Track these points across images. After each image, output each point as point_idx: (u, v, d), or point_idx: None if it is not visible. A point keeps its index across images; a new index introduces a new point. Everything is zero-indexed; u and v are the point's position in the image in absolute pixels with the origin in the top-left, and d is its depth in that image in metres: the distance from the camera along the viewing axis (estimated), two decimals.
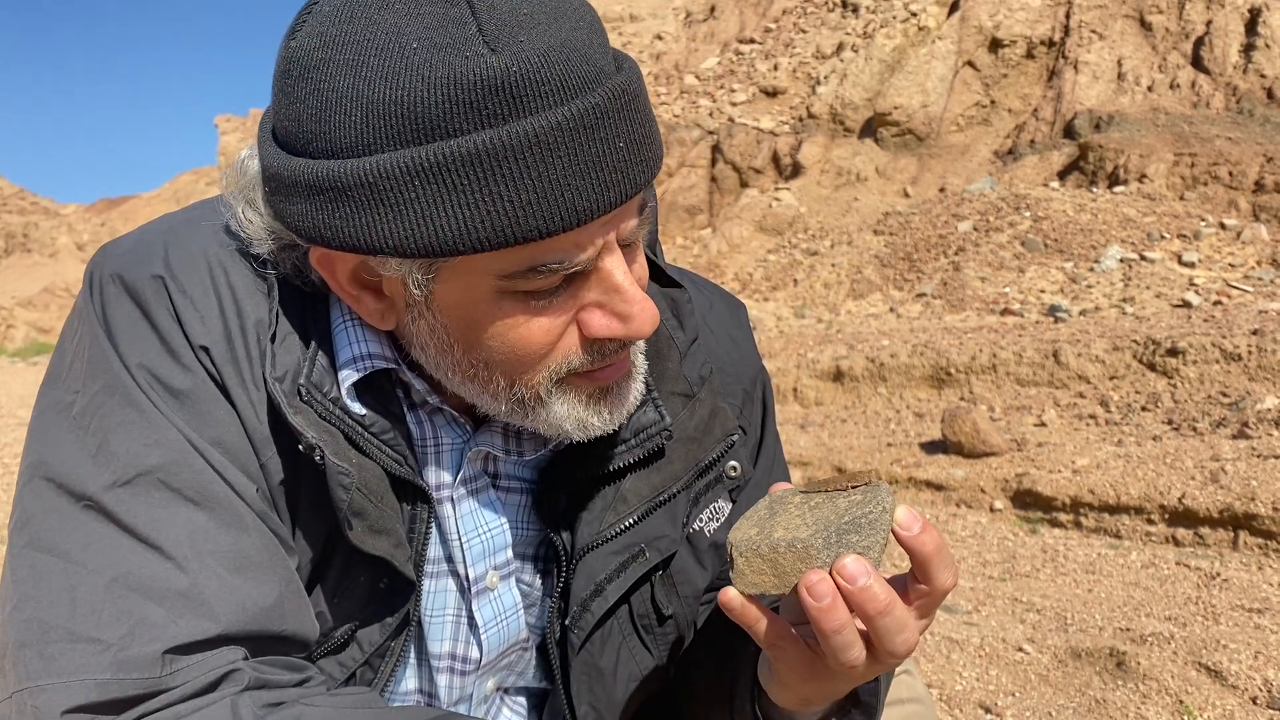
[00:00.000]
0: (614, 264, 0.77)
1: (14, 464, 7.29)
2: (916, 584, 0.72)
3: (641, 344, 0.90)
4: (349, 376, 0.83)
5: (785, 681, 0.80)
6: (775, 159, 22.13)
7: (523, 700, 1.05)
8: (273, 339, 0.82)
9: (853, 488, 0.75)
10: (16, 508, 0.79)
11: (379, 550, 0.83)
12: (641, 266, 0.84)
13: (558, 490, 0.95)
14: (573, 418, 0.84)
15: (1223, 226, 13.50)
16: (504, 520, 0.96)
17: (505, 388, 0.81)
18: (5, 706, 0.73)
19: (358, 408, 0.83)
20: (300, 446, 0.80)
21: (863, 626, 0.71)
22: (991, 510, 5.83)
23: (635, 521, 0.93)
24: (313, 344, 0.83)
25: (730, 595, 0.74)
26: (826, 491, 0.76)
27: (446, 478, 0.93)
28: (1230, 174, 15.07)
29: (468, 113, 0.67)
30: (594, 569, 0.93)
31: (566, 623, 0.93)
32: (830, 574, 0.69)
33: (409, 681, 0.97)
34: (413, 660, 0.97)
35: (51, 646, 0.71)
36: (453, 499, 0.93)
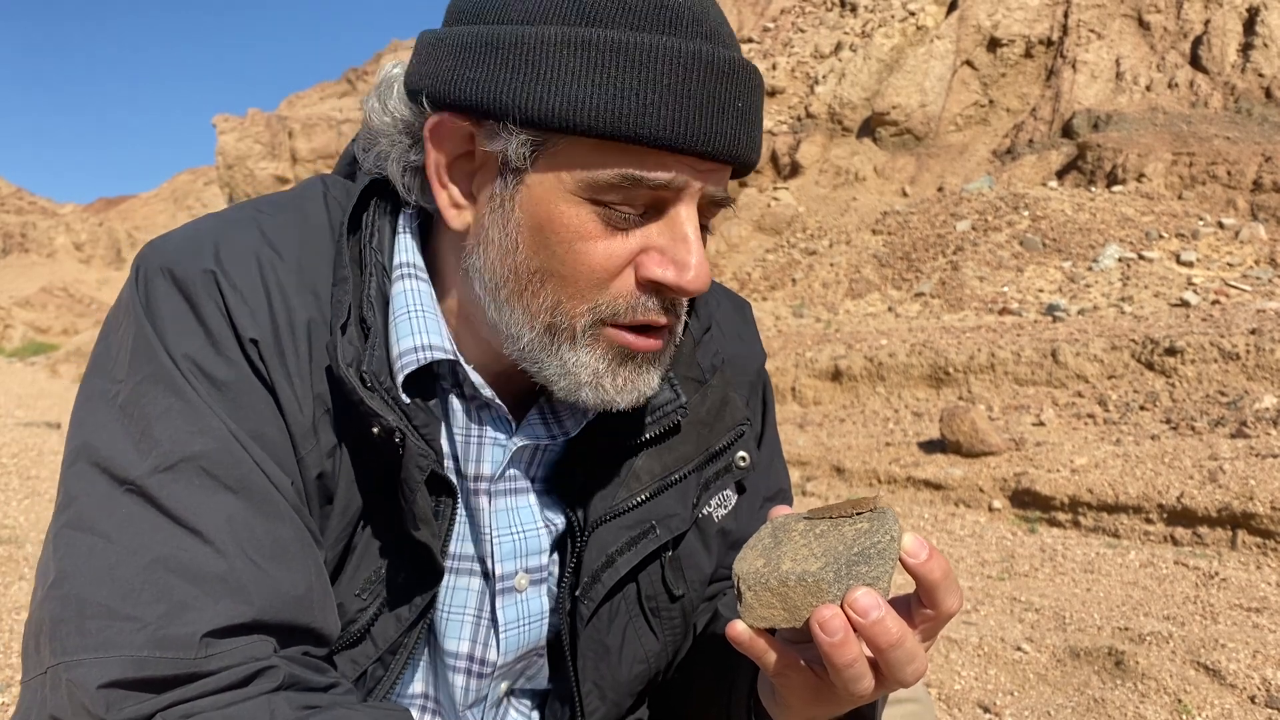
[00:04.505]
0: (688, 214, 0.81)
1: (12, 464, 7.28)
2: (922, 608, 0.72)
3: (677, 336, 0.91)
4: (407, 365, 0.85)
5: (788, 704, 0.81)
6: (774, 158, 22.13)
7: (528, 701, 1.05)
8: (343, 329, 0.83)
9: (857, 514, 0.74)
10: (60, 490, 0.80)
11: (423, 538, 0.84)
12: (706, 255, 0.86)
13: (574, 467, 0.96)
14: (590, 369, 0.84)
15: (1221, 226, 13.51)
16: (540, 525, 0.97)
17: (548, 308, 0.82)
18: (40, 681, 0.73)
19: (404, 398, 0.84)
20: (375, 430, 0.81)
21: (871, 654, 0.71)
22: (990, 509, 5.83)
23: (646, 499, 0.95)
24: (371, 334, 0.85)
25: (739, 629, 0.74)
26: (831, 518, 0.75)
27: (486, 470, 0.93)
28: (1228, 173, 15.09)
29: (631, 16, 0.76)
30: (605, 541, 0.94)
31: (577, 594, 0.94)
32: (842, 607, 0.69)
33: (416, 684, 0.97)
34: (424, 661, 0.97)
35: (89, 623, 0.71)
36: (489, 493, 0.94)
